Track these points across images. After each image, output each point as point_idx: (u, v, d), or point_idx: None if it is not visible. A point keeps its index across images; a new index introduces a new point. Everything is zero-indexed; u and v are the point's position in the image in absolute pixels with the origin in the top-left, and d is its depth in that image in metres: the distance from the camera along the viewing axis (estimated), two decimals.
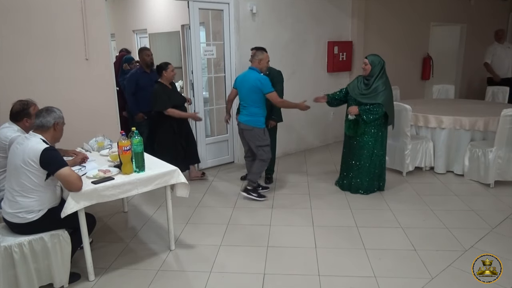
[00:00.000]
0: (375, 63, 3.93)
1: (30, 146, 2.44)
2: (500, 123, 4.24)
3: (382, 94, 3.89)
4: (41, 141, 2.49)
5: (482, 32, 8.32)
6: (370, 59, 3.95)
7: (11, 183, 2.51)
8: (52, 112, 2.60)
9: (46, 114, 2.57)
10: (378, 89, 3.91)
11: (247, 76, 3.95)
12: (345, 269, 2.84)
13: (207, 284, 2.70)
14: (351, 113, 4.02)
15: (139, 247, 3.23)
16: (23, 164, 2.43)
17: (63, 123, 2.70)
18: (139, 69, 4.89)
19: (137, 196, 4.10)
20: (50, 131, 2.58)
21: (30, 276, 2.50)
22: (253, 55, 4.01)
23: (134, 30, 8.12)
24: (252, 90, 3.86)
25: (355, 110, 3.97)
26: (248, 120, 3.95)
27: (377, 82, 3.93)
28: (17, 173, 2.45)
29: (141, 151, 2.84)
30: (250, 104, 3.92)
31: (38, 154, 2.42)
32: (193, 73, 4.93)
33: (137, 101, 4.80)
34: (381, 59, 3.97)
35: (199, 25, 4.83)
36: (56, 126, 2.61)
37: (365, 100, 3.95)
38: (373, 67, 3.93)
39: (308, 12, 5.66)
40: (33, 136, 2.51)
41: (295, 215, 3.77)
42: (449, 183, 4.55)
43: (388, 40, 6.84)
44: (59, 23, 3.73)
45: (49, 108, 2.62)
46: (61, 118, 2.66)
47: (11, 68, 3.56)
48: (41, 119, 2.56)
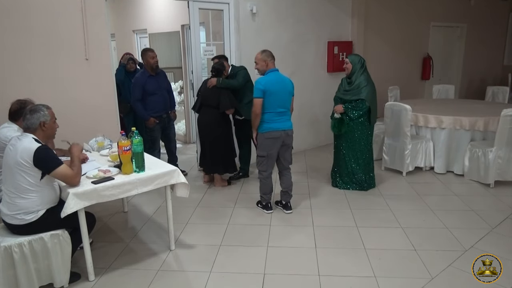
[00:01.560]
0: (355, 61, 4.09)
1: (22, 146, 2.43)
2: (500, 123, 4.24)
3: (364, 89, 4.01)
4: (33, 141, 2.47)
5: (482, 32, 8.33)
6: (351, 58, 4.14)
7: (7, 184, 2.50)
8: (35, 112, 2.52)
9: (30, 115, 2.51)
10: (360, 85, 4.04)
11: (284, 79, 3.63)
12: (345, 269, 2.84)
13: (207, 284, 2.70)
14: (336, 112, 4.17)
15: (139, 247, 3.23)
16: (17, 165, 2.41)
17: (53, 120, 2.62)
18: (144, 73, 4.49)
19: (137, 196, 4.10)
20: (38, 131, 2.54)
21: (30, 276, 2.49)
22: (270, 56, 3.65)
23: (134, 30, 8.11)
24: (291, 93, 3.67)
25: (340, 109, 4.12)
26: (291, 125, 3.72)
27: (359, 79, 4.06)
28: (11, 174, 2.45)
29: (141, 151, 2.84)
30: (288, 108, 3.69)
31: (31, 153, 2.41)
32: (193, 73, 4.93)
33: (145, 106, 4.45)
34: (361, 58, 4.15)
35: (199, 25, 4.82)
36: (43, 125, 2.54)
37: (348, 97, 4.09)
38: (354, 65, 4.08)
39: (308, 12, 5.66)
40: (25, 137, 2.49)
41: (295, 215, 3.76)
42: (449, 183, 4.55)
43: (388, 40, 6.84)
44: (59, 23, 3.73)
45: (32, 109, 2.54)
46: (48, 116, 2.56)
47: (11, 68, 3.56)
48: (26, 122, 2.51)
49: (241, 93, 4.42)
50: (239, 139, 4.76)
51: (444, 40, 8.14)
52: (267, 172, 3.73)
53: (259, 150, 3.68)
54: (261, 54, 3.65)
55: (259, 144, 3.67)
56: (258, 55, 3.67)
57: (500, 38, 8.94)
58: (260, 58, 3.64)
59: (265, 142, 3.60)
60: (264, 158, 3.66)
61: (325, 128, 6.30)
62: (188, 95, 6.41)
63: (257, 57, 3.67)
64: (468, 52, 8.30)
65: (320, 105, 6.15)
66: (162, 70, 4.73)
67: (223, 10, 4.93)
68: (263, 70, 3.65)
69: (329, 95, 6.20)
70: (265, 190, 3.79)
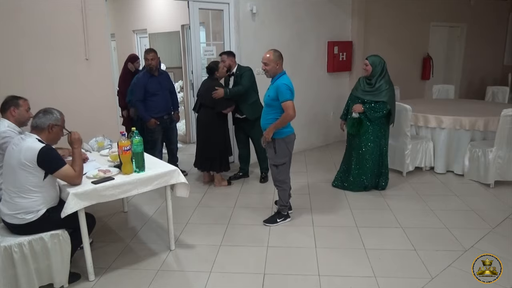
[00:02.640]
0: (375, 63, 3.99)
1: (26, 146, 2.43)
2: (500, 123, 4.24)
3: (386, 92, 3.95)
4: (36, 141, 2.47)
5: (482, 32, 8.32)
6: (371, 60, 4.01)
7: (8, 184, 2.50)
8: (49, 113, 2.56)
9: (42, 115, 2.54)
10: (381, 88, 3.97)
11: None
12: (345, 269, 2.84)
13: (207, 284, 2.70)
14: (355, 111, 4.05)
15: (139, 247, 3.23)
16: (20, 164, 2.41)
17: (61, 127, 2.63)
18: (146, 73, 4.44)
19: (137, 196, 4.10)
20: (44, 132, 2.54)
21: (30, 276, 2.49)
22: (281, 57, 3.41)
23: (134, 30, 8.11)
24: None
25: (360, 108, 4.01)
26: None
27: (380, 82, 3.99)
28: (14, 174, 2.45)
29: (141, 151, 2.84)
30: None
31: (35, 153, 2.41)
32: (193, 73, 4.93)
33: (146, 107, 4.42)
34: (381, 59, 4.03)
35: (199, 25, 4.82)
36: (51, 128, 2.56)
37: (369, 97, 4.00)
38: (374, 68, 3.99)
39: (308, 12, 5.66)
40: (28, 137, 2.50)
41: (295, 215, 3.76)
42: (449, 183, 4.55)
43: (388, 40, 6.84)
44: (59, 23, 3.73)
45: (47, 110, 2.58)
46: (59, 121, 2.59)
47: (11, 68, 3.56)
48: (37, 120, 2.53)
49: (245, 93, 4.40)
50: (238, 139, 4.75)
51: (444, 40, 8.14)
52: (289, 179, 3.56)
53: (280, 158, 3.40)
54: (273, 55, 3.31)
55: (280, 151, 3.38)
56: (270, 56, 3.32)
57: (500, 38, 8.93)
58: (272, 59, 3.30)
59: (287, 147, 3.41)
60: (285, 165, 3.45)
61: (325, 128, 6.32)
62: (188, 95, 6.41)
63: (269, 58, 3.31)
64: (468, 52, 8.30)
65: (320, 105, 6.15)
66: (165, 71, 4.73)
67: (223, 10, 4.93)
68: (273, 73, 3.36)
69: (329, 95, 6.24)
70: (287, 198, 3.60)
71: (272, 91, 3.33)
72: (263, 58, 3.35)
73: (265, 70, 3.38)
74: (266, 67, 3.35)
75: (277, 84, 3.30)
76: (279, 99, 3.28)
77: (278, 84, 3.30)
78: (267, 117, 3.40)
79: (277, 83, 3.31)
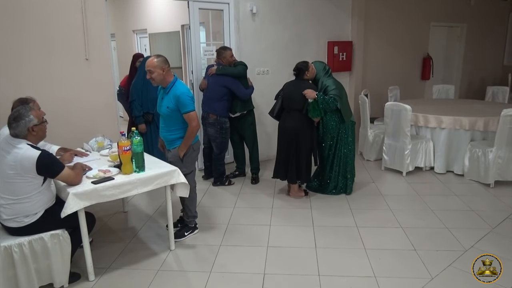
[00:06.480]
0: (319, 68, 4.02)
1: (21, 154, 2.37)
2: (500, 123, 4.25)
3: (333, 91, 3.86)
4: (30, 147, 2.42)
5: (482, 32, 8.32)
6: (315, 65, 4.05)
7: (4, 191, 2.44)
8: (20, 120, 2.40)
9: (15, 125, 2.40)
10: (328, 88, 3.89)
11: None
12: (345, 269, 2.84)
13: (207, 284, 2.70)
14: (309, 97, 3.80)
15: (139, 247, 3.23)
16: (17, 175, 2.38)
17: (42, 122, 2.53)
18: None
19: (137, 196, 4.11)
20: (29, 136, 2.46)
21: (30, 276, 2.49)
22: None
23: (134, 30, 8.12)
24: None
25: (313, 94, 3.79)
26: None
27: (326, 82, 3.95)
28: (8, 182, 2.41)
29: (141, 151, 2.84)
30: None
31: (33, 162, 2.37)
32: (193, 73, 4.93)
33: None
34: (325, 65, 4.10)
35: (199, 25, 4.82)
36: (32, 130, 2.45)
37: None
38: (318, 72, 4.01)
39: (308, 12, 5.66)
40: (18, 143, 2.41)
41: (295, 215, 3.76)
42: (449, 183, 4.55)
43: (388, 40, 6.84)
44: (59, 23, 3.73)
45: (16, 116, 2.41)
46: (34, 120, 2.44)
47: (11, 68, 3.56)
48: (12, 131, 2.42)
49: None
50: (233, 138, 4.68)
51: (444, 40, 8.14)
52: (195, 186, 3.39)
53: (188, 167, 3.23)
54: (157, 61, 2.99)
55: (189, 159, 3.24)
56: (153, 62, 2.98)
57: (500, 38, 8.92)
58: (157, 65, 2.98)
59: (196, 155, 3.32)
60: (192, 173, 3.29)
61: None
62: None
63: (152, 64, 2.98)
64: (468, 52, 8.29)
65: None
66: None
67: (223, 10, 4.93)
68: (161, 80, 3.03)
69: None
70: (195, 207, 3.43)
71: (171, 102, 3.02)
72: (146, 65, 3.00)
73: (151, 79, 3.01)
74: (151, 75, 2.98)
75: (176, 94, 3.00)
76: (179, 110, 3.03)
77: (177, 94, 3.00)
78: (170, 129, 3.14)
79: (176, 93, 3.01)
